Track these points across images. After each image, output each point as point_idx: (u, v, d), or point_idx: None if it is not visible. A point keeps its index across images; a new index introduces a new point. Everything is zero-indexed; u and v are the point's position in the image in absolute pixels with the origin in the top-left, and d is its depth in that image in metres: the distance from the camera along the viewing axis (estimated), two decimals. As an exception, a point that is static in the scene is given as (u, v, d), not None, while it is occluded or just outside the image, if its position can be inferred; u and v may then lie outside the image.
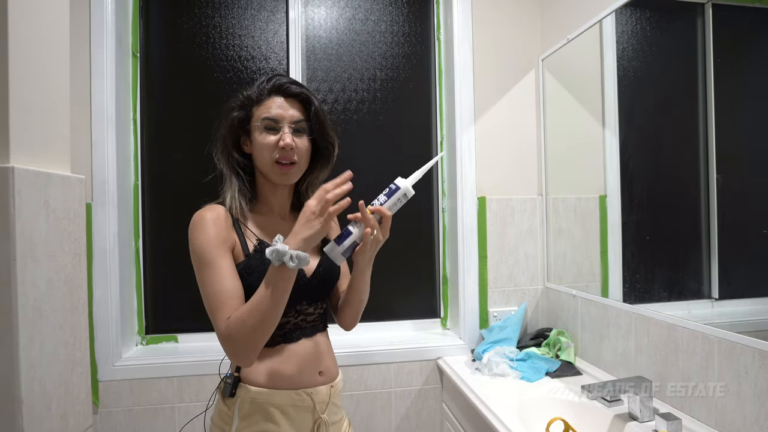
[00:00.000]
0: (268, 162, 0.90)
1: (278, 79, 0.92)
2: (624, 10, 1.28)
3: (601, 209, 1.39)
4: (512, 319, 1.56)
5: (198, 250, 0.84)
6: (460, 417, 1.39)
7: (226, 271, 0.83)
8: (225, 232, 0.87)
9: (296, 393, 0.88)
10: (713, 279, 1.07)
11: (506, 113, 1.68)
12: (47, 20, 0.69)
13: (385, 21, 1.72)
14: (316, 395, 0.90)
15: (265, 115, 0.90)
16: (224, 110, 0.95)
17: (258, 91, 0.92)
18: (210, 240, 0.84)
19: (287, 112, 0.91)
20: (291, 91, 0.92)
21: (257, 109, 0.91)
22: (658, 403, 1.11)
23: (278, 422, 0.86)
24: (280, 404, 0.86)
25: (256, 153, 0.92)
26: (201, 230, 0.85)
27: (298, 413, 0.88)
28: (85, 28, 1.41)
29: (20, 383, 0.57)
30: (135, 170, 1.56)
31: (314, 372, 0.92)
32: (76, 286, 0.72)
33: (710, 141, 1.06)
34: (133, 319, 1.55)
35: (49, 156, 0.68)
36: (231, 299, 0.82)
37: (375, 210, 0.86)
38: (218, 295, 0.82)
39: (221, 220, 0.87)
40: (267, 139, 0.89)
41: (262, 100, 0.91)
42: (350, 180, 0.80)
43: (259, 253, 0.88)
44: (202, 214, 0.87)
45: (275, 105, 0.91)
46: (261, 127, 0.90)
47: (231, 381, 0.87)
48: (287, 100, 0.92)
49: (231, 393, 0.86)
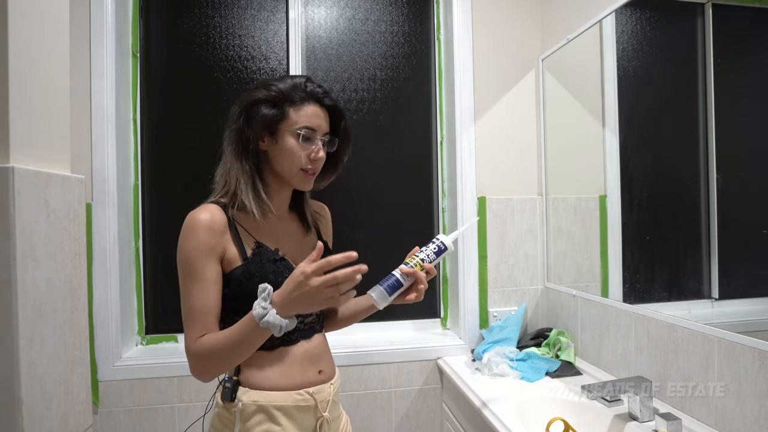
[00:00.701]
0: (296, 168, 0.88)
1: (316, 86, 0.90)
2: (624, 10, 1.28)
3: (601, 209, 1.39)
4: (512, 319, 1.56)
5: (184, 257, 0.82)
6: (460, 417, 1.39)
7: (208, 286, 0.82)
8: (215, 238, 0.83)
9: (298, 393, 0.87)
10: (713, 279, 1.07)
11: (506, 113, 1.68)
12: (47, 20, 0.69)
13: (385, 21, 1.72)
14: (318, 394, 0.89)
15: (305, 123, 0.87)
16: (249, 100, 0.87)
17: (295, 91, 0.87)
18: (198, 248, 0.82)
19: (322, 124, 0.90)
20: (326, 102, 0.91)
21: (294, 113, 0.87)
22: (658, 403, 1.11)
23: (281, 424, 0.85)
24: (283, 405, 0.86)
25: (281, 156, 0.88)
26: (191, 235, 0.82)
27: (301, 413, 0.87)
28: (85, 28, 1.41)
29: (20, 383, 0.57)
30: (135, 170, 1.56)
31: (314, 371, 0.91)
32: (76, 286, 0.72)
33: (710, 141, 1.06)
34: (133, 319, 1.55)
35: (49, 156, 0.68)
36: (206, 316, 0.82)
37: (426, 268, 0.87)
38: (195, 309, 0.81)
39: (215, 223, 0.84)
40: (300, 147, 0.87)
41: (299, 104, 0.87)
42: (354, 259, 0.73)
43: (258, 256, 0.86)
44: (196, 216, 0.83)
45: (314, 114, 0.88)
46: (299, 135, 0.86)
47: (230, 385, 0.85)
48: (321, 110, 0.90)
49: (231, 397, 0.85)
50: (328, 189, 1.03)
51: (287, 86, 0.87)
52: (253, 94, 0.88)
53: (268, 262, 0.86)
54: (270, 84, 0.88)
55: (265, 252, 0.87)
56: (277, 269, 0.86)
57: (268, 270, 0.85)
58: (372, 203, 1.69)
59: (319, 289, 0.71)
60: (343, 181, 1.60)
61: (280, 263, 0.88)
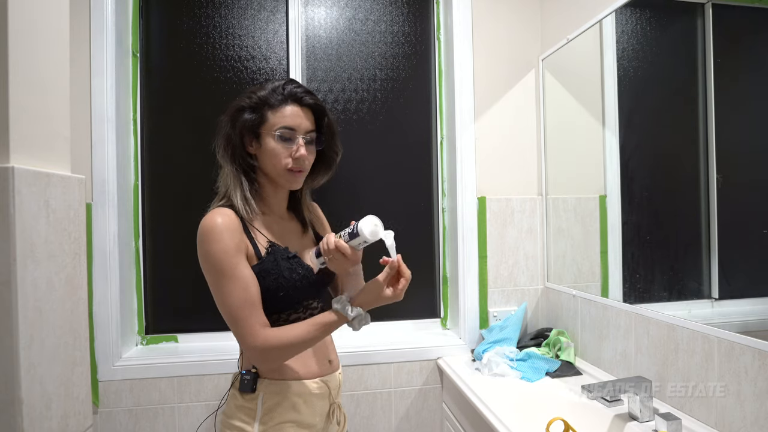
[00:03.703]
0: (281, 169, 0.92)
1: (294, 87, 0.93)
2: (624, 10, 1.28)
3: (601, 209, 1.39)
4: (512, 319, 1.56)
5: (214, 260, 0.84)
6: (460, 417, 1.39)
7: (249, 280, 0.86)
8: (238, 237, 0.87)
9: (314, 382, 0.94)
10: (713, 279, 1.07)
11: (506, 113, 1.68)
12: (47, 20, 0.69)
13: (385, 21, 1.72)
14: (330, 382, 0.97)
15: (282, 124, 0.90)
16: (234, 108, 0.94)
17: (273, 95, 0.92)
18: (227, 249, 0.84)
19: (302, 123, 0.92)
20: (306, 101, 0.93)
21: (272, 115, 0.91)
22: (658, 403, 1.11)
23: (301, 411, 0.91)
24: (303, 393, 0.92)
25: (266, 158, 0.92)
26: (216, 239, 0.84)
27: (318, 400, 0.94)
28: (85, 27, 1.41)
29: (20, 383, 0.57)
30: (135, 170, 1.56)
31: (325, 361, 0.99)
32: (76, 286, 0.72)
33: (710, 141, 1.06)
34: (133, 319, 1.55)
35: (49, 156, 0.67)
36: (257, 308, 0.85)
37: (333, 241, 0.89)
38: (245, 304, 0.84)
39: (233, 224, 0.87)
40: (282, 147, 0.91)
41: (277, 106, 0.91)
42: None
43: (272, 255, 0.90)
44: (214, 220, 0.86)
45: (292, 114, 0.91)
46: (277, 136, 0.90)
47: (250, 377, 0.90)
48: (302, 110, 0.93)
49: (252, 388, 0.89)
50: (328, 189, 1.04)
51: (267, 91, 0.92)
52: (238, 102, 0.94)
53: (282, 260, 0.90)
54: (253, 91, 0.94)
55: (278, 250, 0.92)
56: (291, 266, 0.91)
57: (282, 267, 0.90)
58: (372, 203, 1.69)
59: (399, 294, 0.87)
60: (343, 181, 1.60)
61: (293, 260, 0.92)
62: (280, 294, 0.89)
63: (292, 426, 0.90)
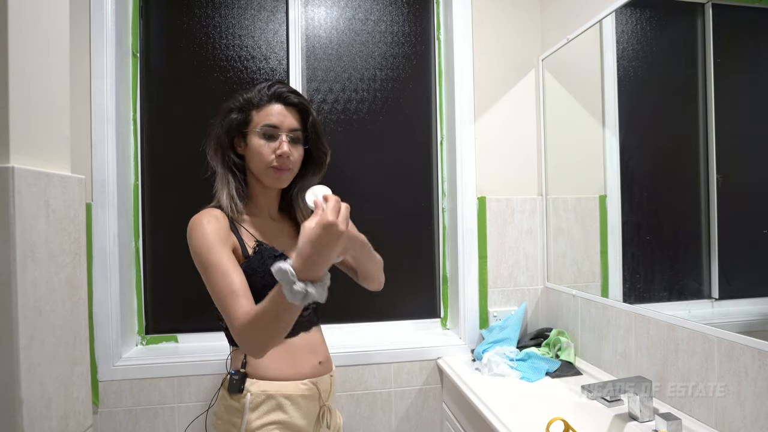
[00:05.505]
0: (264, 166, 0.93)
1: (279, 86, 0.95)
2: (624, 10, 1.28)
3: (601, 209, 1.38)
4: (512, 319, 1.56)
5: (199, 251, 0.86)
6: (460, 417, 1.39)
7: (232, 269, 0.84)
8: (224, 233, 0.88)
9: (303, 383, 0.93)
10: (713, 279, 1.07)
11: (506, 113, 1.68)
12: (47, 20, 0.69)
13: (385, 21, 1.72)
14: (320, 384, 0.96)
15: (264, 122, 0.92)
16: (222, 110, 0.97)
17: (258, 95, 0.94)
18: (210, 239, 0.85)
19: (285, 121, 0.93)
20: (290, 100, 0.95)
21: (257, 114, 0.93)
22: (658, 403, 1.11)
23: (289, 412, 0.90)
24: (290, 395, 0.91)
25: (251, 156, 0.94)
26: (199, 231, 0.86)
27: (306, 402, 0.93)
28: (85, 28, 1.41)
29: (20, 383, 0.57)
30: (135, 170, 1.56)
31: (315, 362, 0.97)
32: (76, 286, 0.72)
33: (710, 141, 1.06)
34: (133, 319, 1.55)
35: (49, 156, 0.67)
36: (240, 296, 0.81)
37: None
38: (227, 292, 0.81)
39: (220, 221, 0.89)
40: (265, 145, 0.92)
41: (262, 106, 0.93)
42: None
43: (259, 254, 0.90)
44: (199, 218, 0.89)
45: (275, 112, 0.93)
46: (260, 133, 0.92)
47: (238, 377, 0.89)
48: (286, 108, 0.94)
49: (239, 388, 0.89)
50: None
51: (253, 93, 0.95)
52: (227, 104, 0.97)
53: (269, 259, 0.91)
54: (240, 94, 0.97)
55: (265, 249, 0.92)
56: None
57: (269, 266, 0.89)
58: (371, 203, 1.69)
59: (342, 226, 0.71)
60: (343, 181, 1.60)
61: (279, 259, 0.90)
62: (266, 292, 0.87)
63: (277, 428, 0.89)
